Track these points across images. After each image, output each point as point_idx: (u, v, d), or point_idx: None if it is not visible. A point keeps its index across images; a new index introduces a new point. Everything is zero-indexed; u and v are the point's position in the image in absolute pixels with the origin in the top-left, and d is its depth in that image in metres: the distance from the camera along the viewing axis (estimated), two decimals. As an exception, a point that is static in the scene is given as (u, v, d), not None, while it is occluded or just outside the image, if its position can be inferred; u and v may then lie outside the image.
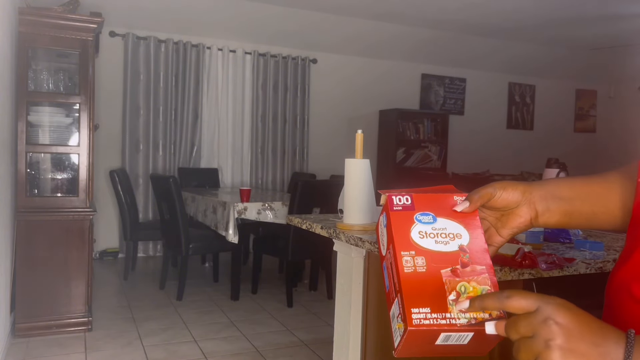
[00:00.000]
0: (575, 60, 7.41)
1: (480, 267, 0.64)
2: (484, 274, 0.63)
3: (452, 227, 0.66)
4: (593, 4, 5.23)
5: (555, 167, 2.08)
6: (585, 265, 1.37)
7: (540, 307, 0.55)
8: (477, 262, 0.64)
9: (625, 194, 0.77)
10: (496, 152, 7.40)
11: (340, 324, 1.94)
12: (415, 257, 0.63)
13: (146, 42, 5.39)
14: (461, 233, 0.66)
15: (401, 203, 0.67)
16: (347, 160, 1.79)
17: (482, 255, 0.65)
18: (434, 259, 0.63)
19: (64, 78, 3.39)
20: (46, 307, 3.10)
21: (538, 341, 0.53)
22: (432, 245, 0.64)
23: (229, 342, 3.14)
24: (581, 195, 0.77)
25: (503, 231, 0.75)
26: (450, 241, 0.65)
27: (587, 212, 0.77)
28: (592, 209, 0.77)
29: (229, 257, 4.16)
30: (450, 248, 0.65)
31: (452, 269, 0.63)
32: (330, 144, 6.28)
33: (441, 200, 0.69)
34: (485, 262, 0.64)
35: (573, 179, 0.80)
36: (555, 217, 0.75)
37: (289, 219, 2.09)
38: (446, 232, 0.66)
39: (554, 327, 0.53)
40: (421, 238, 0.65)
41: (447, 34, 6.40)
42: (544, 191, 0.75)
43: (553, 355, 0.52)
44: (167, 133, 5.49)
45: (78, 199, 3.21)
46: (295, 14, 5.61)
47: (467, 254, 0.64)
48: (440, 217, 0.67)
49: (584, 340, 0.53)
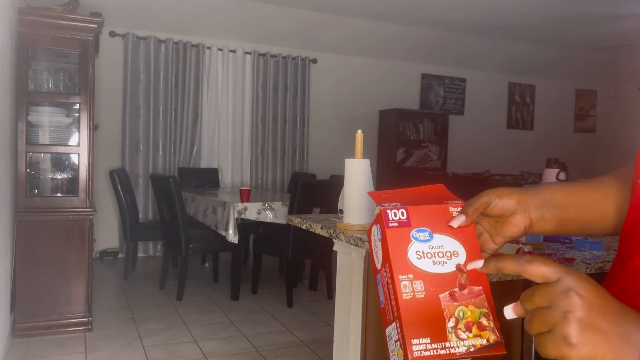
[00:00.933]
0: (575, 60, 7.41)
1: (477, 287, 0.63)
2: (481, 295, 0.63)
3: (449, 244, 0.65)
4: (593, 4, 5.23)
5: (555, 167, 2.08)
6: (585, 265, 1.37)
7: (562, 278, 0.52)
8: (474, 282, 0.63)
9: (621, 199, 0.76)
10: (496, 152, 7.40)
11: (340, 324, 1.94)
12: (414, 282, 0.62)
13: (146, 42, 5.39)
14: (458, 250, 0.65)
15: (397, 218, 0.65)
16: (347, 160, 1.79)
17: (479, 275, 0.64)
18: (432, 282, 0.62)
19: (64, 78, 3.39)
20: (46, 307, 3.10)
21: (555, 312, 0.51)
22: (430, 267, 0.63)
23: (229, 342, 3.14)
24: (576, 203, 0.76)
25: (497, 238, 0.73)
26: (447, 261, 0.64)
27: (582, 220, 0.76)
28: (587, 216, 0.76)
29: (229, 257, 4.16)
30: (447, 269, 0.64)
31: (450, 292, 0.62)
32: (330, 144, 6.29)
33: (436, 212, 0.67)
34: (482, 282, 0.64)
35: (568, 185, 0.78)
36: (549, 225, 0.74)
37: (289, 219, 2.09)
38: (443, 250, 0.65)
39: (575, 299, 0.51)
40: (418, 259, 0.63)
41: (447, 34, 6.40)
42: (538, 199, 0.73)
43: (570, 327, 0.50)
44: (167, 133, 5.49)
45: (78, 199, 3.21)
46: (295, 14, 5.61)
47: (464, 274, 0.64)
48: (436, 232, 0.65)
49: (604, 317, 0.50)
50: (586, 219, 0.76)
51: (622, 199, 0.76)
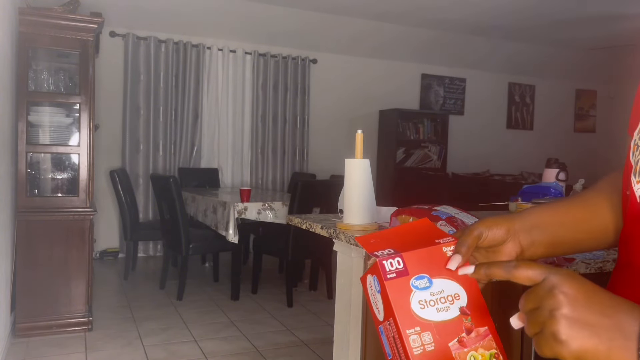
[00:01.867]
0: (575, 60, 7.42)
1: (483, 328, 0.63)
2: (487, 336, 0.62)
3: (449, 288, 0.64)
4: (593, 4, 5.23)
5: (555, 167, 2.09)
6: (585, 265, 1.37)
7: (546, 278, 0.53)
8: (479, 324, 0.63)
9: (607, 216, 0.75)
10: (496, 152, 7.40)
11: (340, 324, 1.94)
12: (422, 334, 0.61)
13: (146, 42, 5.39)
14: (458, 292, 0.64)
15: (394, 268, 0.63)
16: (347, 160, 1.80)
17: (482, 314, 0.64)
18: (439, 331, 0.62)
19: (64, 78, 3.39)
20: (46, 307, 3.10)
21: (543, 312, 0.52)
22: (435, 316, 0.62)
23: (229, 342, 3.14)
24: (564, 223, 0.75)
25: None
26: (450, 305, 0.63)
27: (571, 240, 0.76)
28: (575, 236, 0.76)
29: (229, 257, 4.17)
30: (452, 314, 0.63)
31: (459, 338, 0.62)
32: (330, 144, 6.29)
33: (431, 255, 0.65)
34: (486, 322, 0.64)
35: (554, 205, 0.77)
36: (540, 250, 0.73)
37: (289, 219, 2.09)
38: (444, 295, 0.64)
39: (559, 297, 0.51)
40: (422, 309, 0.62)
41: (447, 34, 6.41)
42: (526, 223, 0.72)
43: (559, 325, 0.50)
44: (167, 133, 5.50)
45: (78, 199, 3.22)
46: (295, 14, 5.61)
47: (468, 317, 0.63)
48: (435, 277, 0.64)
49: (591, 310, 0.51)
50: (575, 238, 0.76)
51: (608, 215, 0.75)
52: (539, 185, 1.98)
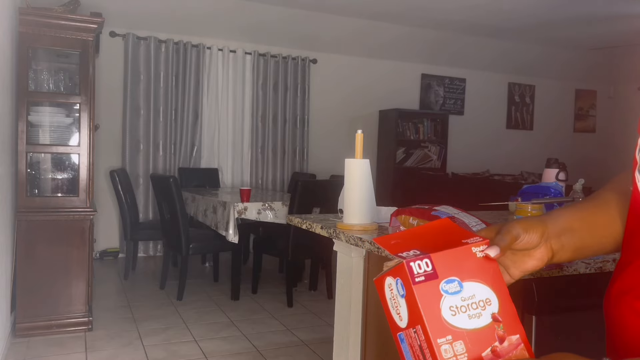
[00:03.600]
0: (575, 60, 7.42)
1: (515, 337, 0.59)
2: (520, 345, 0.59)
3: (480, 292, 0.60)
4: (593, 4, 5.23)
5: (555, 167, 2.09)
6: (584, 265, 1.38)
7: None
8: (511, 331, 0.59)
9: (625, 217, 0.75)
10: (496, 152, 7.40)
11: (340, 324, 1.94)
12: (454, 344, 0.57)
13: (146, 42, 5.39)
14: (490, 297, 0.60)
15: (422, 271, 0.59)
16: (347, 160, 1.80)
17: (513, 320, 0.60)
18: (472, 340, 0.58)
19: (64, 78, 3.39)
20: (46, 307, 3.10)
21: None
22: (467, 323, 0.58)
23: (229, 341, 3.14)
24: (591, 228, 0.74)
25: (514, 272, 0.70)
26: (482, 312, 0.59)
27: (596, 244, 0.75)
28: (601, 241, 0.75)
29: (229, 257, 4.17)
30: (484, 321, 0.59)
31: (492, 348, 0.58)
32: (330, 144, 6.29)
33: (461, 256, 0.61)
34: (518, 329, 0.60)
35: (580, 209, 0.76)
36: (567, 255, 0.73)
37: (289, 219, 2.09)
38: (476, 300, 0.59)
39: None
40: (454, 315, 0.58)
41: (447, 34, 6.41)
42: (558, 228, 0.71)
43: None
44: (167, 133, 5.50)
45: (78, 198, 3.22)
46: (295, 14, 5.61)
47: (500, 324, 0.59)
48: (465, 280, 0.60)
49: None
50: (600, 243, 0.75)
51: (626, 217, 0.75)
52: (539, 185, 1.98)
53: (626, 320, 0.66)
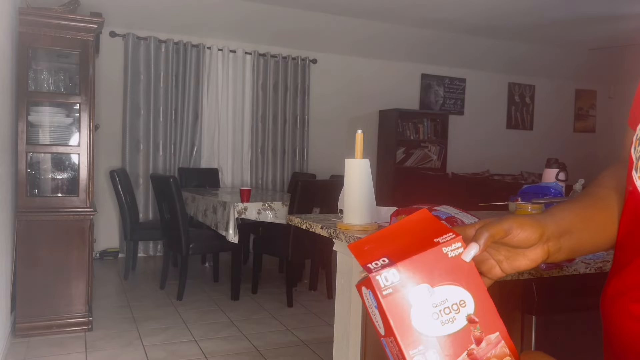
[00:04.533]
0: (575, 60, 7.42)
1: (494, 335, 0.57)
2: (499, 342, 0.57)
3: (453, 295, 0.57)
4: (593, 4, 5.23)
5: (555, 167, 2.09)
6: (584, 265, 1.38)
7: None
8: (489, 330, 0.57)
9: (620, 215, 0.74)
10: (496, 152, 7.40)
11: (340, 324, 1.94)
12: (426, 354, 0.56)
13: (146, 42, 5.39)
14: (464, 299, 0.57)
15: (389, 283, 0.56)
16: (347, 160, 1.80)
17: (492, 318, 0.57)
18: (446, 347, 0.56)
19: (64, 78, 3.39)
20: (46, 307, 3.10)
21: None
22: (439, 330, 0.56)
23: (229, 341, 3.14)
24: (588, 228, 0.72)
25: (505, 266, 0.67)
26: (456, 315, 0.57)
27: (592, 244, 0.73)
28: (596, 241, 0.74)
29: (229, 257, 4.17)
30: (458, 325, 0.57)
31: (468, 352, 0.56)
32: (330, 144, 6.29)
33: (430, 259, 0.58)
34: (497, 326, 0.57)
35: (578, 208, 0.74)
36: (563, 256, 0.70)
37: (289, 219, 2.09)
38: (448, 304, 0.57)
39: None
40: (425, 324, 0.56)
41: (447, 34, 6.41)
42: (558, 228, 0.68)
43: None
44: (167, 133, 5.50)
45: (78, 198, 3.22)
46: (295, 14, 5.61)
47: (477, 325, 0.57)
48: (436, 285, 0.57)
49: None
50: (596, 242, 0.74)
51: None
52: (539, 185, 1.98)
53: (622, 323, 0.65)
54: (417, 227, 0.63)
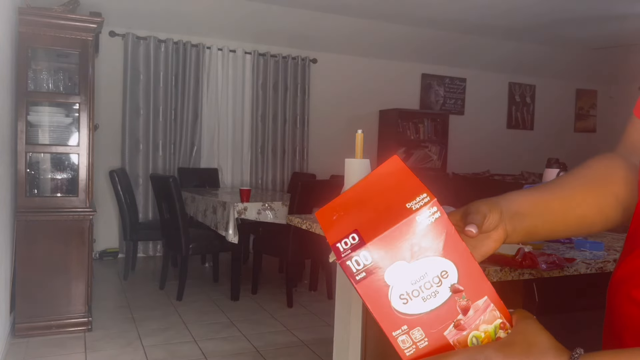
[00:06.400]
0: (575, 60, 7.41)
1: (482, 300, 0.54)
2: (488, 306, 0.54)
3: (433, 267, 0.53)
4: (593, 4, 5.23)
5: (556, 167, 2.08)
6: (585, 265, 1.37)
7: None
8: (476, 296, 0.54)
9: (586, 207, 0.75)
10: (496, 152, 7.40)
11: (340, 324, 1.93)
12: (411, 332, 0.53)
13: (146, 42, 5.39)
14: (446, 269, 0.53)
15: (362, 267, 0.52)
16: (347, 160, 1.79)
17: (478, 281, 0.53)
18: (431, 323, 0.53)
19: (63, 78, 3.39)
20: (46, 307, 3.10)
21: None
22: (422, 307, 0.53)
23: (229, 342, 3.13)
24: (542, 214, 0.73)
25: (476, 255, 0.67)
26: (438, 288, 0.53)
27: (547, 231, 0.74)
28: (552, 227, 0.74)
29: (229, 257, 4.16)
30: (442, 298, 0.53)
31: (455, 323, 0.53)
32: (330, 144, 6.28)
33: (403, 232, 0.52)
34: (484, 290, 0.54)
35: (535, 194, 0.75)
36: (519, 238, 0.71)
37: (289, 219, 2.09)
38: (429, 279, 0.53)
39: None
40: (405, 304, 0.52)
41: (447, 34, 6.40)
42: (510, 210, 0.70)
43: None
44: (167, 133, 5.49)
45: (78, 199, 3.21)
46: (295, 14, 5.60)
47: (462, 294, 0.53)
48: (413, 260, 0.52)
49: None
50: (551, 229, 0.75)
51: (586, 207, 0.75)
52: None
53: (622, 307, 0.66)
54: (388, 184, 0.57)
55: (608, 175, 0.78)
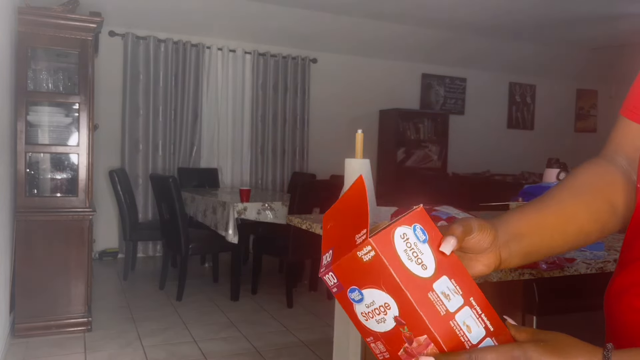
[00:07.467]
0: (575, 60, 7.41)
1: (423, 337, 0.55)
2: (430, 345, 0.55)
3: (378, 298, 0.56)
4: (593, 4, 5.22)
5: (556, 167, 2.08)
6: (585, 265, 1.37)
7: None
8: (417, 332, 0.55)
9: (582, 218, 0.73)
10: (496, 152, 7.39)
11: (340, 324, 1.93)
12: (377, 343, 0.58)
13: (146, 42, 5.38)
14: (388, 302, 0.55)
15: (332, 284, 0.59)
16: (347, 160, 1.79)
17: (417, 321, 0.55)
18: (387, 341, 0.57)
19: (63, 78, 3.38)
20: (46, 307, 3.10)
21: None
22: (377, 327, 0.57)
23: (229, 342, 3.13)
24: (539, 232, 0.71)
25: None
26: (385, 317, 0.56)
27: (545, 248, 0.72)
28: (550, 244, 0.73)
29: (229, 257, 4.16)
30: (389, 325, 0.56)
31: (404, 348, 0.56)
32: (330, 144, 6.28)
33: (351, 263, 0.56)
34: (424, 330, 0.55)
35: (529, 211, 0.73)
36: (515, 261, 0.69)
37: (289, 219, 2.08)
38: (377, 306, 0.56)
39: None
40: (366, 320, 0.57)
41: (447, 34, 6.40)
42: (507, 234, 0.68)
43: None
44: (166, 133, 5.49)
45: (77, 199, 3.21)
46: (295, 14, 5.60)
47: (405, 326, 0.55)
48: (363, 288, 0.56)
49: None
50: (549, 245, 0.73)
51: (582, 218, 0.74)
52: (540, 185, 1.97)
53: (625, 317, 0.65)
54: (355, 205, 0.61)
55: (598, 181, 0.76)
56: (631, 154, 0.78)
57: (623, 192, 0.75)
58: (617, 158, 0.79)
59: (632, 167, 0.77)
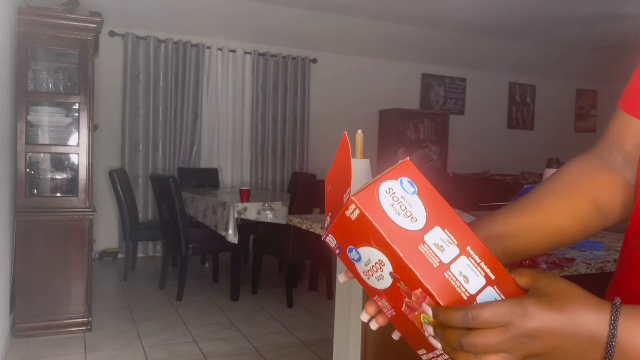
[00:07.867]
0: (575, 60, 7.41)
1: (418, 290, 0.55)
2: (426, 297, 0.55)
3: (372, 255, 0.55)
4: (593, 4, 5.22)
5: (556, 167, 2.08)
6: (585, 265, 1.37)
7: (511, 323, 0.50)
8: (412, 286, 0.55)
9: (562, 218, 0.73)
10: (496, 152, 7.39)
11: (340, 324, 1.93)
12: (382, 301, 0.58)
13: (146, 42, 5.38)
14: (381, 259, 0.55)
15: (334, 245, 0.58)
16: (346, 160, 1.79)
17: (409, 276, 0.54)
18: (390, 297, 0.57)
19: (63, 78, 3.38)
20: (46, 307, 3.10)
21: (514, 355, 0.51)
22: (378, 284, 0.57)
23: (229, 342, 3.13)
24: (516, 234, 0.71)
25: None
26: (382, 273, 0.56)
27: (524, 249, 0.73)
28: (529, 245, 0.73)
29: (229, 257, 4.16)
30: (388, 282, 0.56)
31: (406, 303, 0.56)
32: (330, 144, 6.27)
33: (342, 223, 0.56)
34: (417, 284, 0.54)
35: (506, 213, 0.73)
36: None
37: (289, 219, 2.08)
38: (373, 264, 0.56)
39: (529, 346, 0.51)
40: (368, 279, 0.58)
41: (447, 34, 6.40)
42: (487, 235, 0.68)
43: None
44: (166, 133, 5.49)
45: (77, 199, 3.21)
46: (295, 14, 5.60)
47: (400, 281, 0.55)
48: (358, 246, 0.56)
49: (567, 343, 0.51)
50: (528, 246, 0.73)
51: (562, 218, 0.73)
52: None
53: None
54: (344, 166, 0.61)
55: (582, 180, 0.75)
56: (628, 150, 0.76)
57: (609, 190, 0.74)
58: (612, 153, 0.77)
59: (627, 163, 0.75)
